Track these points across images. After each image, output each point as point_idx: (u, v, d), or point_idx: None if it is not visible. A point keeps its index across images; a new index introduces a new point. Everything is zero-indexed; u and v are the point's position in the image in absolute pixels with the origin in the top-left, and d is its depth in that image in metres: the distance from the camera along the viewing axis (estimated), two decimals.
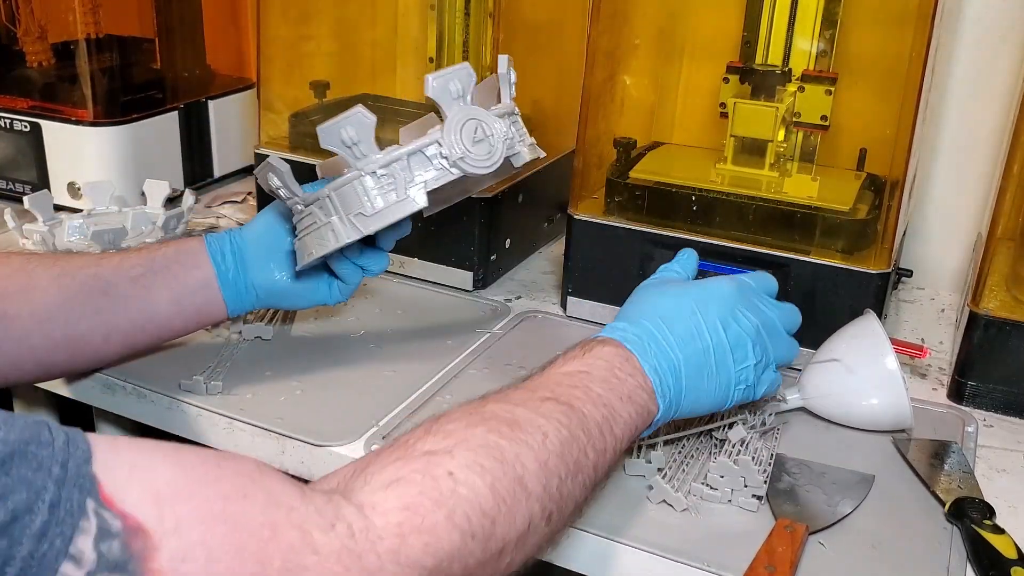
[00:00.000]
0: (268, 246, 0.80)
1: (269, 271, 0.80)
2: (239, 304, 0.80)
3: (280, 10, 1.11)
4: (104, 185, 1.11)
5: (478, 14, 1.06)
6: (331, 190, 0.72)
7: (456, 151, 0.70)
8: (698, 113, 1.06)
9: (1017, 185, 0.87)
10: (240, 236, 0.81)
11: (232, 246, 0.80)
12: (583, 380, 0.61)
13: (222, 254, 0.79)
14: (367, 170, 0.70)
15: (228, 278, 0.79)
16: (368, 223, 0.71)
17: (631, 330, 0.66)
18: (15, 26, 1.20)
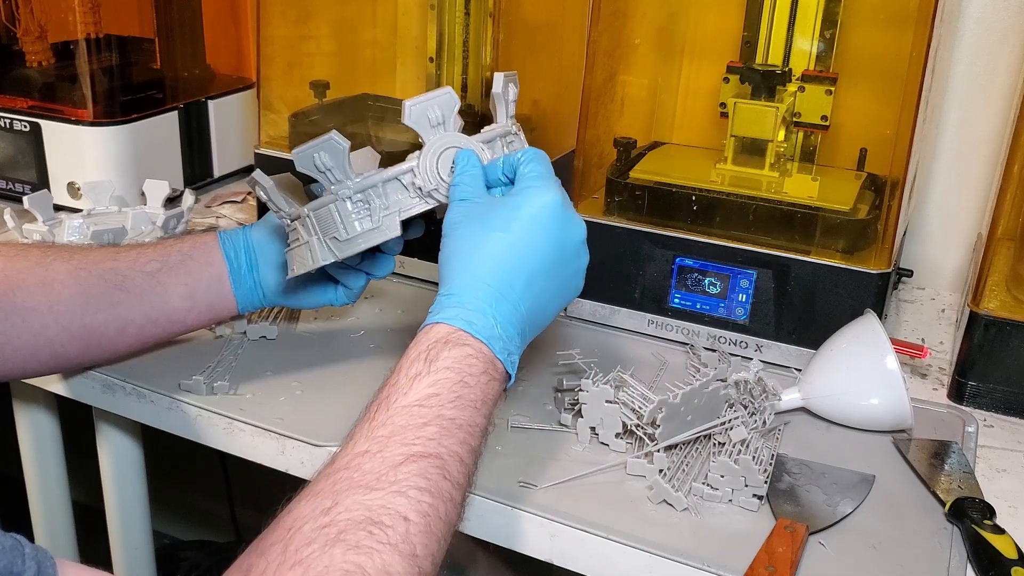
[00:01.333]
0: (276, 247, 0.80)
1: (276, 272, 0.81)
2: (249, 302, 0.81)
3: (280, 10, 1.11)
4: (104, 185, 1.11)
5: (478, 14, 1.06)
6: (310, 210, 0.71)
7: (430, 182, 0.69)
8: (698, 113, 1.06)
9: (1017, 185, 0.87)
10: (252, 234, 0.81)
11: (245, 243, 0.81)
12: (435, 409, 0.57)
13: (235, 251, 0.80)
14: (342, 195, 0.70)
15: (239, 276, 0.80)
16: (342, 248, 0.71)
17: (474, 307, 0.62)
18: (15, 26, 1.20)
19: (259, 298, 0.82)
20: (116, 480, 1.05)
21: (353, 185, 0.69)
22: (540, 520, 0.68)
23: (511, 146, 0.73)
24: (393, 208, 0.70)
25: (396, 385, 0.59)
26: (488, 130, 0.73)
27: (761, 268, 0.89)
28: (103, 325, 0.76)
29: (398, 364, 0.61)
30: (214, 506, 1.79)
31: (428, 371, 0.59)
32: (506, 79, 0.73)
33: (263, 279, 0.81)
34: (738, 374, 0.78)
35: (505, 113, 0.74)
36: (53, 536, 1.23)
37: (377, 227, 0.70)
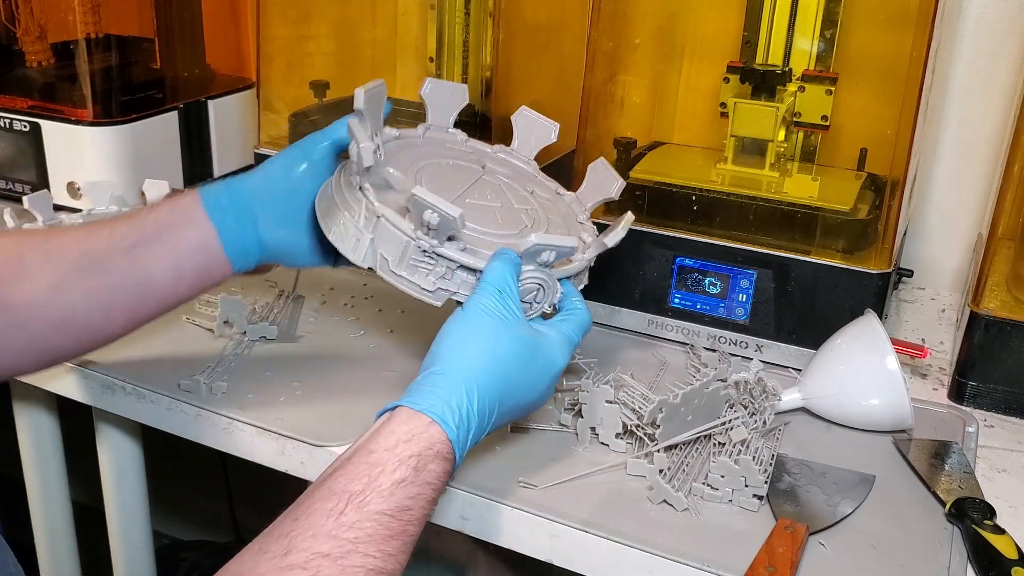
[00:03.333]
0: (274, 199, 0.75)
1: (275, 227, 0.75)
2: (243, 261, 0.75)
3: (280, 10, 1.11)
4: (104, 185, 1.11)
5: (478, 14, 1.06)
6: (381, 213, 0.69)
7: None
8: (698, 113, 1.06)
9: (1017, 185, 0.87)
10: (240, 187, 0.75)
11: (232, 199, 0.74)
12: (404, 524, 0.56)
13: (220, 210, 0.73)
14: (421, 244, 0.68)
15: (230, 236, 0.73)
16: (384, 271, 0.69)
17: (462, 419, 0.60)
18: (15, 26, 1.20)
19: (255, 257, 0.75)
20: (116, 480, 1.05)
21: (436, 246, 0.68)
22: (540, 520, 0.68)
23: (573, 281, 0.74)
24: (451, 288, 0.69)
25: (376, 483, 0.56)
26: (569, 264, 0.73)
27: (761, 268, 0.88)
28: (86, 313, 0.71)
29: (380, 451, 0.57)
30: (214, 506, 1.79)
31: (414, 481, 0.57)
32: None
33: (263, 236, 0.75)
34: (738, 374, 0.78)
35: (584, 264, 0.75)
36: (53, 536, 1.23)
37: (426, 290, 0.69)
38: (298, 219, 0.75)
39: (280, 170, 0.75)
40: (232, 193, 0.74)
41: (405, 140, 0.82)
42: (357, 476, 0.56)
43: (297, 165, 0.75)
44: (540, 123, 0.85)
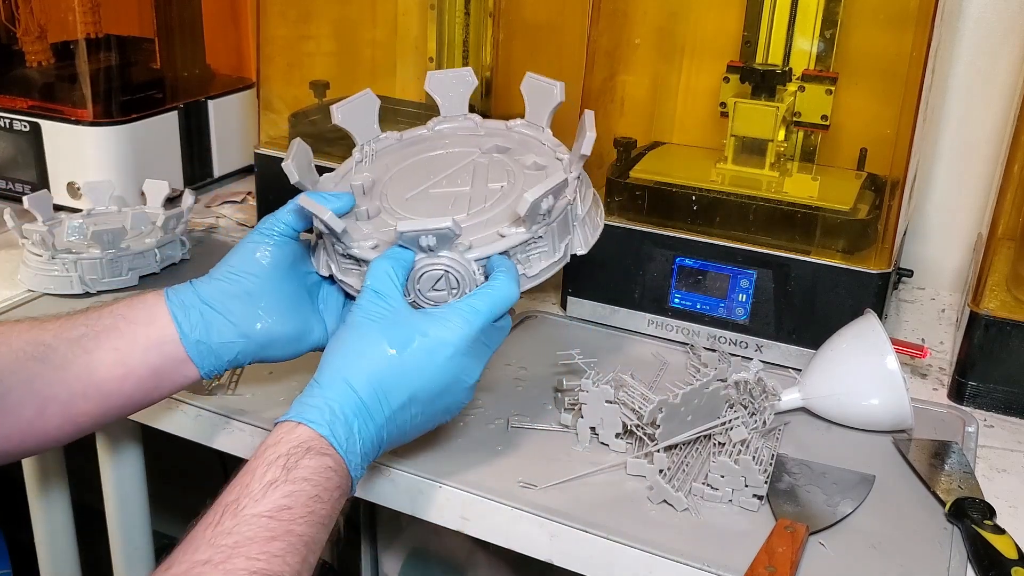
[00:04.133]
0: (243, 292, 0.69)
1: (248, 321, 0.69)
2: (211, 363, 0.69)
3: (280, 10, 1.11)
4: (104, 185, 1.11)
5: (478, 14, 1.06)
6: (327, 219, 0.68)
7: (409, 295, 0.67)
8: (698, 113, 1.06)
9: (1017, 185, 0.87)
10: (208, 284, 0.70)
11: (198, 296, 0.69)
12: (286, 523, 0.55)
13: (183, 307, 0.68)
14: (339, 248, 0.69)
15: (194, 335, 0.67)
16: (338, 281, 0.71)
17: (342, 415, 0.60)
18: (15, 26, 1.20)
19: (227, 357, 0.69)
20: (116, 480, 1.05)
21: (348, 250, 0.68)
22: (540, 520, 0.68)
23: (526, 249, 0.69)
24: None
25: (248, 489, 0.55)
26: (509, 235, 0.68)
27: (761, 268, 0.89)
28: (18, 404, 0.64)
29: (251, 462, 0.57)
30: None
31: (285, 479, 0.56)
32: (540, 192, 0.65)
33: (242, 329, 0.69)
34: (738, 374, 0.78)
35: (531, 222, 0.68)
36: (54, 536, 1.23)
37: (357, 289, 0.69)
38: (272, 309, 0.70)
39: (243, 262, 0.70)
40: (199, 290, 0.69)
41: (405, 141, 0.81)
42: (232, 488, 0.56)
43: (260, 253, 0.70)
44: (544, 86, 0.81)
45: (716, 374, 0.77)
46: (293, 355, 0.73)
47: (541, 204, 0.66)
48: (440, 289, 0.67)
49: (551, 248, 0.70)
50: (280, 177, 1.01)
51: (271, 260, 0.70)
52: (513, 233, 0.68)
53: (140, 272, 1.01)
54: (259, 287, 0.69)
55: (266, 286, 0.70)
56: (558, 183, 0.66)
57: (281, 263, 0.71)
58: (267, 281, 0.70)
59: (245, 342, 0.69)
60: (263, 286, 0.70)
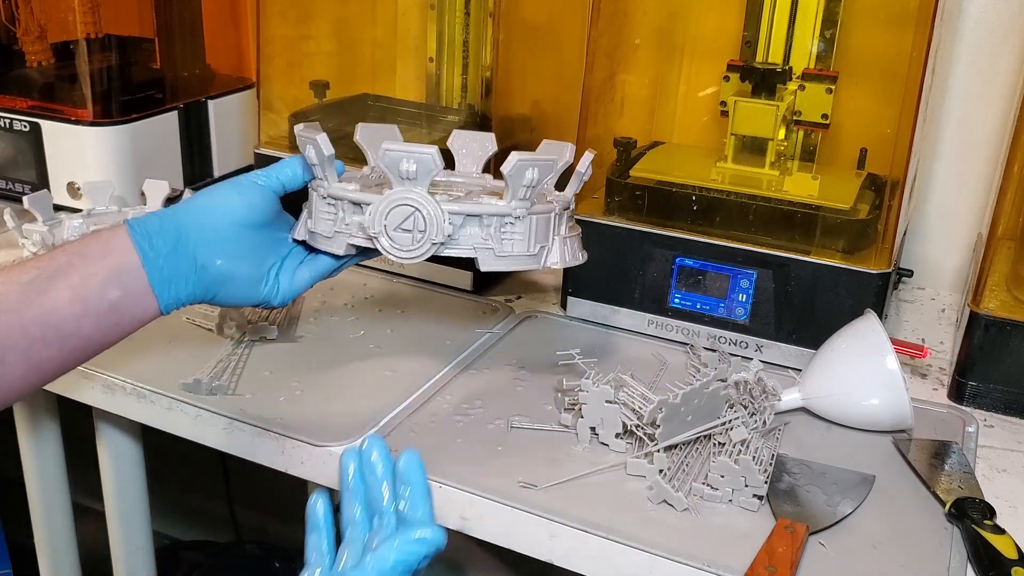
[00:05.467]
0: (212, 224, 0.68)
1: (212, 254, 0.68)
2: (172, 294, 0.66)
3: (280, 10, 1.11)
4: (103, 185, 1.11)
5: (478, 14, 1.06)
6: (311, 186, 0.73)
7: (375, 227, 0.68)
8: (698, 113, 1.06)
9: (1017, 185, 0.87)
10: (174, 213, 0.68)
11: (163, 224, 0.67)
12: None
13: (147, 235, 0.65)
14: (319, 192, 0.71)
15: (158, 262, 0.65)
16: (310, 235, 0.72)
17: None
18: (15, 26, 1.20)
19: (186, 289, 0.67)
20: (116, 480, 1.05)
21: (329, 188, 0.70)
22: (540, 520, 0.68)
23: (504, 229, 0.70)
24: (348, 230, 0.70)
25: None
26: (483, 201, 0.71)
27: (761, 268, 0.89)
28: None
29: None
30: (214, 506, 1.79)
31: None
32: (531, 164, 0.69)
33: (200, 263, 0.67)
34: (738, 374, 0.78)
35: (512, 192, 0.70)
36: (53, 536, 1.23)
37: (329, 237, 0.71)
38: (236, 247, 0.69)
39: (222, 200, 0.70)
40: (163, 219, 0.67)
41: None
42: None
43: (239, 195, 0.70)
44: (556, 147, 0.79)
45: (716, 374, 0.77)
46: (244, 300, 0.72)
47: (526, 172, 0.68)
48: (407, 229, 0.67)
49: (526, 239, 0.71)
50: None
51: (250, 203, 0.70)
52: (492, 203, 0.70)
53: None
54: (230, 226, 0.69)
55: (236, 227, 0.69)
56: (549, 158, 0.68)
57: (257, 211, 0.70)
58: (239, 223, 0.69)
59: (201, 274, 0.67)
60: (234, 226, 0.69)
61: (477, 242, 0.69)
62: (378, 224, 0.68)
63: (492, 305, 1.00)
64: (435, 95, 1.12)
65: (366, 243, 0.70)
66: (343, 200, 0.70)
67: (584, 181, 0.76)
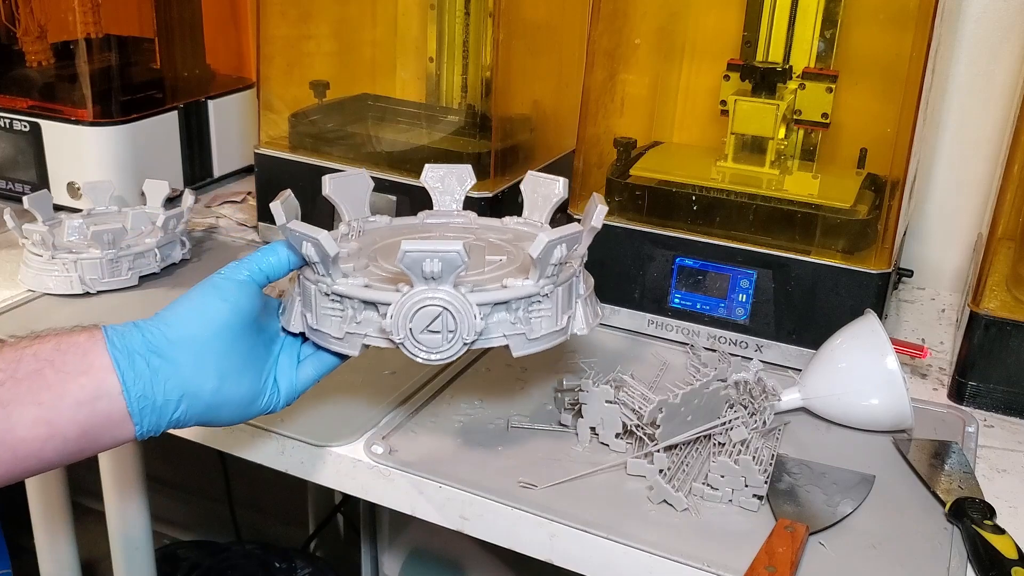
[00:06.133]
0: (202, 339, 0.60)
1: (203, 375, 0.60)
2: (151, 422, 0.59)
3: (280, 10, 1.11)
4: (104, 185, 1.11)
5: (478, 14, 1.06)
6: (301, 273, 0.66)
7: (399, 333, 0.62)
8: (698, 113, 1.06)
9: (1017, 185, 0.86)
10: (159, 327, 0.60)
11: (145, 341, 0.59)
12: None
13: (128, 353, 0.57)
14: (321, 288, 0.64)
15: (139, 387, 0.57)
16: (311, 331, 0.66)
17: None
18: (15, 26, 1.20)
19: (168, 416, 0.59)
20: (116, 480, 1.05)
21: (333, 285, 0.63)
22: (540, 520, 0.68)
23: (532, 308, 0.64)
24: (362, 330, 0.64)
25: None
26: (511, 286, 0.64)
27: (761, 268, 0.88)
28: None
29: None
30: (214, 506, 1.79)
31: None
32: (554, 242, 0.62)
33: (192, 386, 0.59)
34: (738, 374, 0.78)
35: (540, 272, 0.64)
36: (53, 536, 1.23)
37: (340, 338, 0.65)
38: (228, 366, 0.61)
39: (203, 307, 0.61)
40: (146, 333, 0.59)
41: (395, 226, 0.78)
42: None
43: (222, 298, 0.62)
44: (546, 183, 0.77)
45: (716, 374, 0.77)
46: (241, 419, 0.64)
47: (554, 251, 0.62)
48: (435, 331, 0.62)
49: (554, 314, 0.66)
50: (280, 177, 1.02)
51: (234, 308, 0.61)
52: (519, 284, 0.64)
53: (140, 272, 1.01)
54: (217, 338, 0.60)
55: (225, 338, 0.61)
56: (573, 231, 0.63)
57: (244, 313, 0.62)
58: (227, 332, 0.61)
59: (191, 401, 0.59)
60: (222, 338, 0.60)
61: (506, 329, 0.64)
62: (402, 329, 0.61)
63: None
64: (435, 95, 1.12)
65: (386, 344, 0.63)
66: (353, 299, 0.63)
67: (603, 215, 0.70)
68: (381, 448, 0.75)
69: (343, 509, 1.66)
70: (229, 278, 0.62)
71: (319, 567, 1.56)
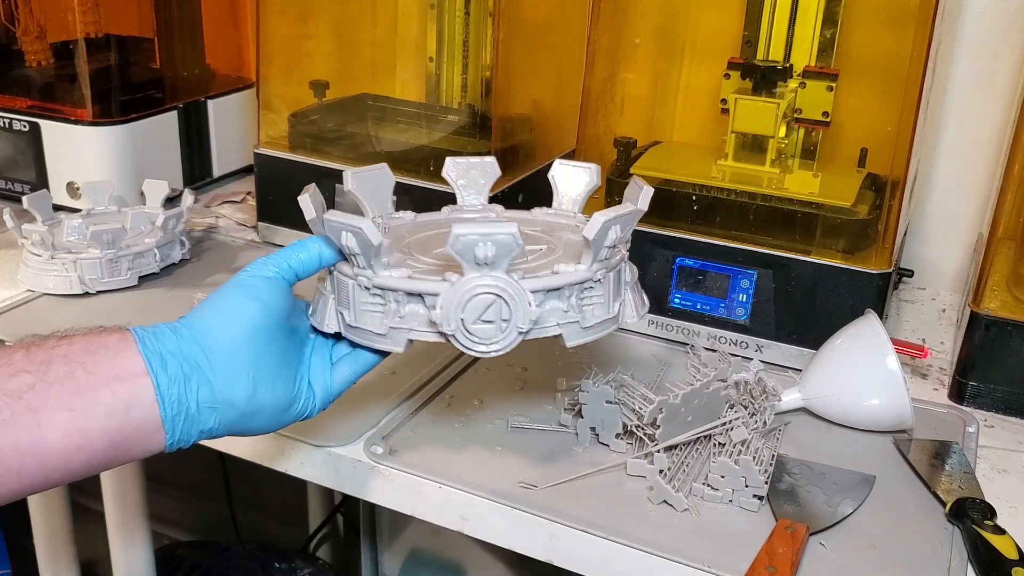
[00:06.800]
0: (235, 343, 0.57)
1: (237, 381, 0.56)
2: (183, 432, 0.56)
3: (280, 10, 1.11)
4: (103, 185, 1.11)
5: (478, 14, 1.06)
6: (336, 269, 0.63)
7: (450, 324, 0.58)
8: (699, 113, 1.06)
9: (1018, 185, 0.86)
10: (191, 329, 0.56)
11: (180, 343, 0.55)
12: None
13: (161, 356, 0.54)
14: (361, 282, 0.60)
15: (173, 393, 0.54)
16: (347, 328, 0.63)
17: None
18: (14, 25, 1.20)
19: (200, 425, 0.56)
20: (116, 480, 1.05)
21: (374, 278, 0.60)
22: (540, 520, 0.68)
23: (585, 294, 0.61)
24: (406, 324, 0.60)
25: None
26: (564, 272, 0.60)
27: (761, 268, 0.88)
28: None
29: None
30: (214, 506, 1.79)
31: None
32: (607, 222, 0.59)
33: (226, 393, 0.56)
34: (738, 374, 0.78)
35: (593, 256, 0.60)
36: (53, 536, 1.23)
37: (383, 335, 0.61)
38: (262, 370, 0.58)
39: (233, 308, 0.58)
40: (179, 335, 0.55)
41: (420, 222, 0.74)
42: None
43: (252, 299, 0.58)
44: (577, 171, 0.74)
45: (716, 374, 0.77)
46: (276, 427, 0.61)
47: (609, 232, 0.59)
48: (488, 320, 0.58)
49: (606, 302, 0.62)
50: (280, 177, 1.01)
51: (265, 308, 0.58)
52: (573, 269, 0.60)
53: (140, 272, 1.01)
54: (248, 341, 0.57)
55: (257, 341, 0.57)
56: (629, 211, 0.60)
57: (275, 314, 0.59)
58: (258, 335, 0.57)
59: (226, 409, 0.56)
60: (253, 341, 0.57)
61: (559, 317, 0.60)
62: (454, 320, 0.58)
63: None
64: (435, 95, 1.11)
65: (435, 338, 0.60)
66: (396, 291, 0.60)
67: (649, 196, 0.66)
68: (381, 448, 0.74)
69: (343, 509, 1.66)
70: (256, 275, 0.59)
71: (319, 567, 1.56)
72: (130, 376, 0.53)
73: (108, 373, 0.52)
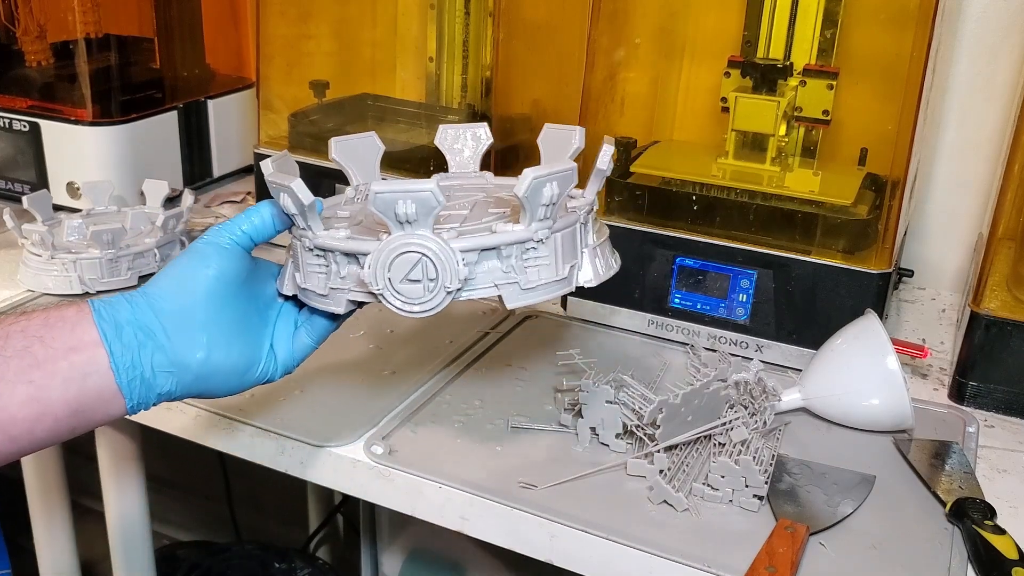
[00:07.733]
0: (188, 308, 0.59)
1: (191, 345, 0.58)
2: (141, 395, 0.57)
3: (280, 10, 1.11)
4: (103, 185, 1.11)
5: (478, 14, 1.06)
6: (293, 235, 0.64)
7: (378, 283, 0.59)
8: (699, 112, 1.06)
9: (1018, 185, 0.86)
10: (146, 297, 0.58)
11: (134, 312, 0.57)
12: None
13: (116, 325, 0.56)
14: (304, 244, 0.62)
15: (127, 360, 0.56)
16: (300, 294, 0.64)
17: None
18: (14, 25, 1.19)
19: (157, 389, 0.58)
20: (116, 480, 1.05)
21: (314, 239, 0.61)
22: (540, 520, 0.68)
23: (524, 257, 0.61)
24: (346, 284, 0.61)
25: None
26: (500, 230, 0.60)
27: (761, 268, 0.88)
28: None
29: None
30: (214, 506, 1.79)
31: None
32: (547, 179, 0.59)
33: (179, 356, 0.58)
34: (738, 374, 0.78)
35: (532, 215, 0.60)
36: (53, 536, 1.23)
37: (325, 295, 0.62)
38: (216, 334, 0.59)
39: (186, 275, 0.60)
40: (133, 304, 0.58)
41: None
42: None
43: (207, 264, 0.60)
44: (562, 134, 0.73)
45: (716, 374, 0.77)
46: (235, 389, 0.62)
47: (543, 190, 0.58)
48: (415, 279, 0.59)
49: (553, 263, 0.62)
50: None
51: (218, 274, 0.60)
52: (509, 229, 0.60)
53: (139, 272, 1.01)
54: (202, 306, 0.59)
55: (211, 306, 0.59)
56: (563, 168, 0.59)
57: (230, 279, 0.61)
58: (212, 299, 0.59)
59: (180, 372, 0.58)
60: (207, 306, 0.59)
61: (498, 277, 0.60)
62: (381, 279, 0.59)
63: (492, 304, 1.00)
64: (435, 95, 1.12)
65: (369, 299, 0.61)
66: (334, 251, 0.61)
67: (606, 177, 0.67)
68: (381, 448, 0.74)
69: (343, 509, 1.66)
70: (211, 243, 0.61)
71: (319, 567, 1.56)
72: (85, 346, 0.55)
73: (65, 345, 0.55)
